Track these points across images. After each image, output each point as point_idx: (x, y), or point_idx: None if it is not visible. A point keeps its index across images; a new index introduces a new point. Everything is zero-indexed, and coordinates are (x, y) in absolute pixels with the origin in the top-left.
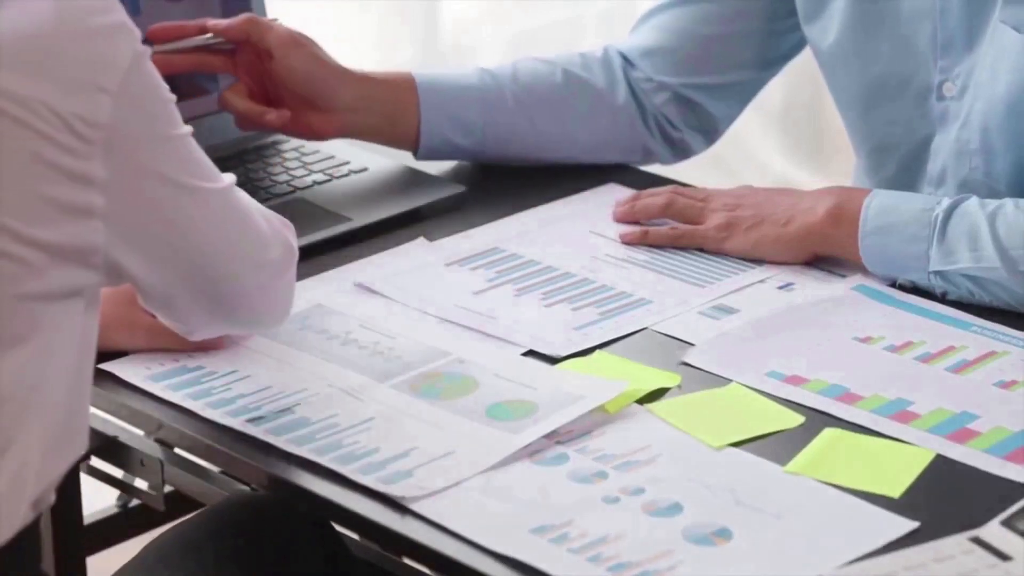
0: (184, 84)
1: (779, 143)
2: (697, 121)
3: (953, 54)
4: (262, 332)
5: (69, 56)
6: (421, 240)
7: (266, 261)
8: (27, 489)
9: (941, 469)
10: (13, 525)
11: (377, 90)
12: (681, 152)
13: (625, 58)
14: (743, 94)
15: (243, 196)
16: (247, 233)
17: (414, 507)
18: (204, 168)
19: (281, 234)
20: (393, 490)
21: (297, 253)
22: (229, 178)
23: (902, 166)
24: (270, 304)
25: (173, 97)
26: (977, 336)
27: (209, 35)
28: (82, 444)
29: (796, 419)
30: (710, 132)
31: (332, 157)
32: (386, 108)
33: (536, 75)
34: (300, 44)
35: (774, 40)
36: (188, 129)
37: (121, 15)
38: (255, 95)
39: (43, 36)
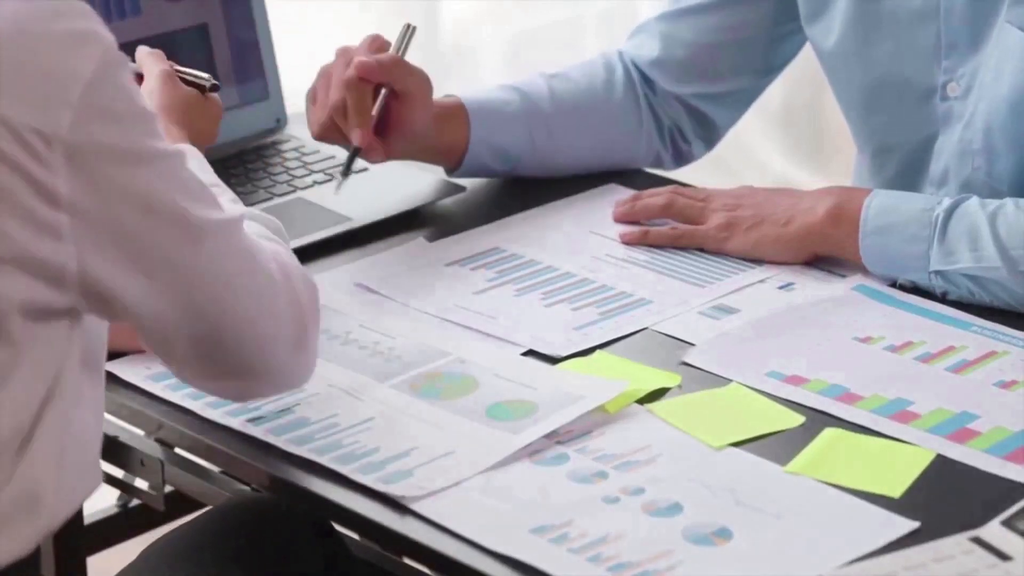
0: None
1: (779, 143)
2: (702, 129)
3: (957, 54)
4: (274, 394)
5: (27, 65)
6: (421, 240)
7: (271, 311)
8: (43, 510)
9: (941, 469)
10: (24, 549)
11: (435, 121)
12: (684, 159)
13: (643, 75)
14: (746, 99)
15: (255, 238)
16: (245, 272)
17: (414, 507)
18: (194, 192)
19: (291, 285)
20: (393, 490)
21: (315, 316)
22: (234, 210)
23: (904, 166)
24: (280, 365)
25: (154, 113)
26: (977, 336)
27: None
28: (95, 479)
29: (796, 419)
30: (712, 138)
31: (332, 157)
32: (442, 137)
33: (575, 102)
34: (428, 99)
35: (778, 44)
36: (176, 148)
37: (88, 21)
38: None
39: (1, 44)
